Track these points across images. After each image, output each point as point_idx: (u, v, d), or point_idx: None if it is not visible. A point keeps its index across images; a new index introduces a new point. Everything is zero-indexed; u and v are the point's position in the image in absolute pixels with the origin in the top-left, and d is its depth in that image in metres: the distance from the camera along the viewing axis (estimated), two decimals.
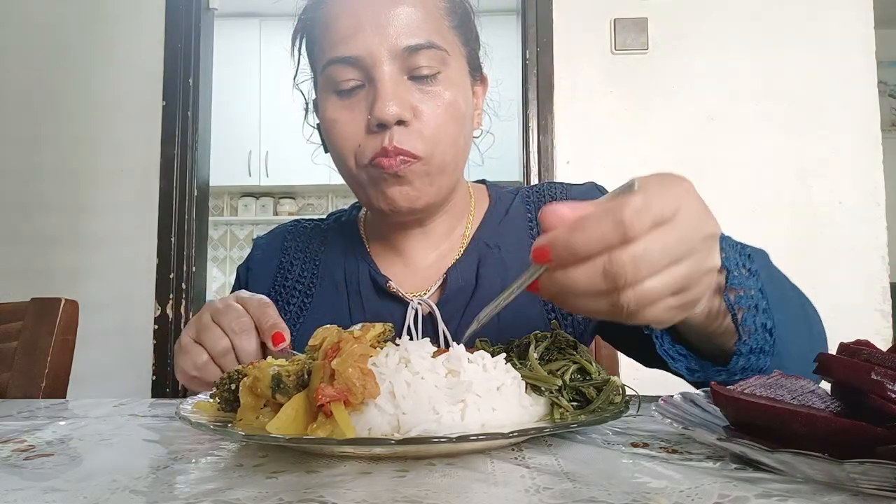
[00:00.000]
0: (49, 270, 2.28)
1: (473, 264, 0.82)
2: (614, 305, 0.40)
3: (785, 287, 0.61)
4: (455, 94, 0.76)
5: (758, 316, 0.52)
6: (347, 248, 0.89)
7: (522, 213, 0.87)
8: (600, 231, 0.39)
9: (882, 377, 0.34)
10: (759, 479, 0.33)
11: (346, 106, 0.75)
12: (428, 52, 0.73)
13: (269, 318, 0.64)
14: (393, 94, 0.72)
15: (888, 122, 3.86)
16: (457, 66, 0.77)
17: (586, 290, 0.40)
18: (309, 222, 0.98)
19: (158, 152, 2.28)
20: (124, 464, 0.39)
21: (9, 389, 0.94)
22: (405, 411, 0.38)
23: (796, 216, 2.12)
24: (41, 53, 2.37)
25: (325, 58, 0.75)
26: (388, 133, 0.72)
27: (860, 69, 2.15)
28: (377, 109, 0.71)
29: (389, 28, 0.73)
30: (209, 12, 2.44)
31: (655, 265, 0.39)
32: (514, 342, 0.52)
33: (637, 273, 0.39)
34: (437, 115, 0.74)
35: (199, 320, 0.65)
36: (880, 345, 0.38)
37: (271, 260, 0.92)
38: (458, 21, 0.80)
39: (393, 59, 0.72)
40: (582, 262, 0.40)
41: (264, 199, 4.71)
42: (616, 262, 0.39)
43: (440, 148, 0.75)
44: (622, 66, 2.19)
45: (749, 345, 0.52)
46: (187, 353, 0.64)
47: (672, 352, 0.54)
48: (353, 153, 0.75)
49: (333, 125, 0.76)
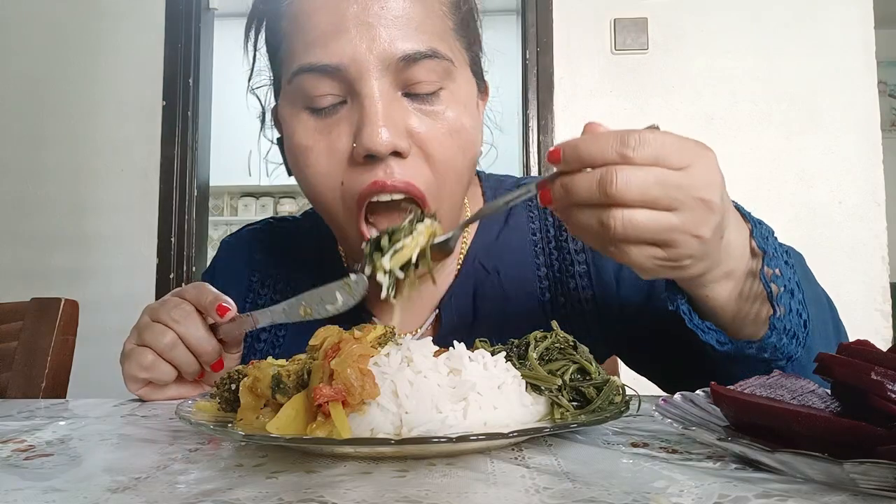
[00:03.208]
0: (49, 270, 2.28)
1: (469, 294, 0.72)
2: (603, 224, 0.43)
3: (818, 290, 0.62)
4: (461, 115, 0.62)
5: (793, 301, 0.52)
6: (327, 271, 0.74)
7: (525, 221, 0.76)
8: (605, 144, 0.43)
9: (882, 377, 0.34)
10: (759, 479, 0.33)
11: (322, 128, 0.60)
12: (429, 62, 0.59)
13: (208, 295, 0.61)
14: (385, 116, 0.57)
15: (888, 122, 3.86)
16: (462, 79, 0.64)
17: (583, 198, 0.43)
18: (282, 226, 0.85)
19: (158, 152, 2.28)
20: (124, 464, 0.39)
21: (9, 389, 0.94)
22: (408, 410, 0.38)
23: (796, 216, 2.12)
24: (41, 53, 2.37)
25: (294, 62, 0.60)
26: (383, 166, 0.58)
27: (860, 69, 2.15)
28: (365, 136, 0.57)
29: (380, 29, 0.58)
30: (209, 12, 2.44)
31: (645, 195, 0.42)
32: (514, 342, 0.52)
33: (626, 192, 0.42)
34: (442, 144, 0.60)
35: (138, 325, 0.63)
36: (880, 345, 0.38)
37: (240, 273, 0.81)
38: (461, 20, 0.66)
39: (385, 71, 0.58)
40: (585, 169, 0.43)
41: (264, 199, 4.71)
42: (609, 173, 0.42)
43: (446, 187, 0.62)
44: (622, 66, 2.19)
45: (784, 322, 0.52)
46: (131, 357, 0.61)
47: (702, 325, 0.54)
48: (335, 191, 0.61)
49: (306, 153, 0.61)
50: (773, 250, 0.52)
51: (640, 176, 0.42)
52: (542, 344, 0.49)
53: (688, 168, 0.43)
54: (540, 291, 0.73)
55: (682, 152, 0.43)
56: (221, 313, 0.60)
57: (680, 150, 0.43)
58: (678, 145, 0.43)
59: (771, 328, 0.52)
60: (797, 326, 0.53)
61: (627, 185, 0.42)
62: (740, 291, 0.52)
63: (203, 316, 0.62)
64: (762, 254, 0.51)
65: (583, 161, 0.43)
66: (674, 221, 0.43)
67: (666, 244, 0.44)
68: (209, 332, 0.62)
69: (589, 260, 0.73)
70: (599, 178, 0.42)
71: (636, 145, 0.42)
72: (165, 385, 0.63)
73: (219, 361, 0.63)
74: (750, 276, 0.52)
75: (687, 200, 0.43)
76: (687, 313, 0.54)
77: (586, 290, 0.73)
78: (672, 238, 0.44)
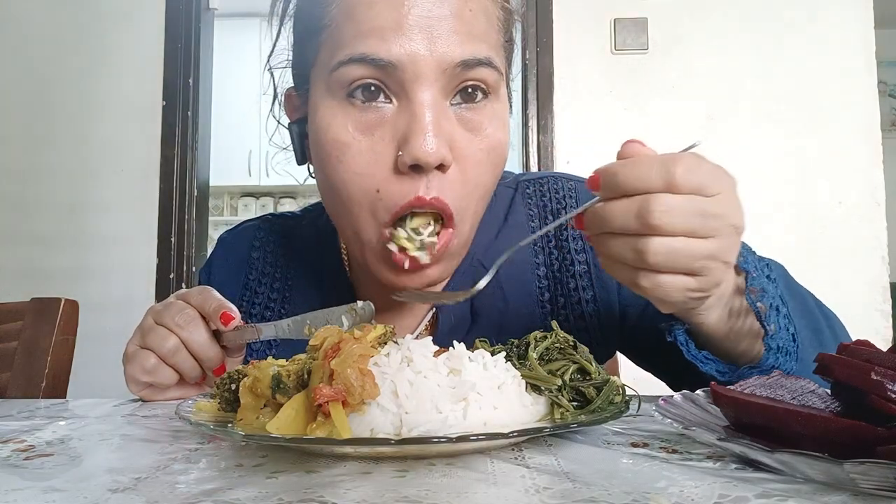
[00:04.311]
0: (49, 270, 2.28)
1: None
2: (639, 253, 0.42)
3: (804, 298, 0.62)
4: (498, 131, 0.60)
5: (780, 317, 0.53)
6: (324, 270, 0.76)
7: (524, 220, 0.75)
8: (648, 170, 0.41)
9: (882, 377, 0.34)
10: (759, 479, 0.33)
11: (363, 126, 0.56)
12: (484, 70, 0.57)
13: (213, 302, 0.60)
14: (435, 125, 0.54)
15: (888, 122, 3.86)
16: (503, 95, 0.63)
17: (620, 226, 0.42)
18: (280, 223, 0.83)
19: (158, 152, 2.28)
20: (124, 464, 0.39)
21: (9, 389, 0.94)
22: (408, 410, 0.38)
23: (796, 216, 2.12)
24: (41, 54, 2.37)
25: (343, 51, 0.56)
26: (425, 180, 0.55)
27: (860, 69, 2.15)
28: (415, 145, 0.53)
29: (443, 32, 0.55)
30: (209, 12, 2.44)
31: (686, 224, 0.41)
32: (513, 342, 0.52)
33: (668, 222, 0.40)
34: (479, 161, 0.58)
35: (142, 326, 0.62)
36: (880, 345, 0.38)
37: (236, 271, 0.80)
38: (508, 37, 0.65)
39: (440, 76, 0.55)
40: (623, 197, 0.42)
41: (264, 199, 4.71)
42: (652, 202, 0.40)
43: (473, 203, 0.60)
44: (622, 66, 2.19)
45: (777, 341, 0.52)
46: (134, 360, 0.61)
47: (700, 356, 0.54)
48: (368, 195, 0.57)
49: (342, 149, 0.57)
50: (753, 268, 0.52)
51: (681, 206, 0.41)
52: (541, 344, 0.49)
53: (719, 195, 0.42)
54: (539, 291, 0.73)
55: (716, 180, 0.42)
56: (225, 321, 0.60)
57: (714, 178, 0.42)
58: (713, 172, 0.42)
59: (767, 349, 0.52)
60: (787, 342, 0.53)
61: (670, 215, 0.41)
62: (729, 311, 0.52)
63: (207, 321, 0.61)
64: (744, 273, 0.52)
65: (623, 190, 0.42)
66: (711, 249, 0.42)
67: (698, 272, 0.43)
68: (212, 339, 0.61)
69: (589, 260, 0.73)
70: (638, 208, 0.41)
71: (681, 174, 0.40)
72: (167, 388, 0.63)
73: (221, 367, 0.63)
74: (736, 294, 0.52)
75: (722, 228, 0.42)
76: (684, 344, 0.54)
77: (586, 291, 0.72)
78: (705, 266, 0.43)
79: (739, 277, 0.52)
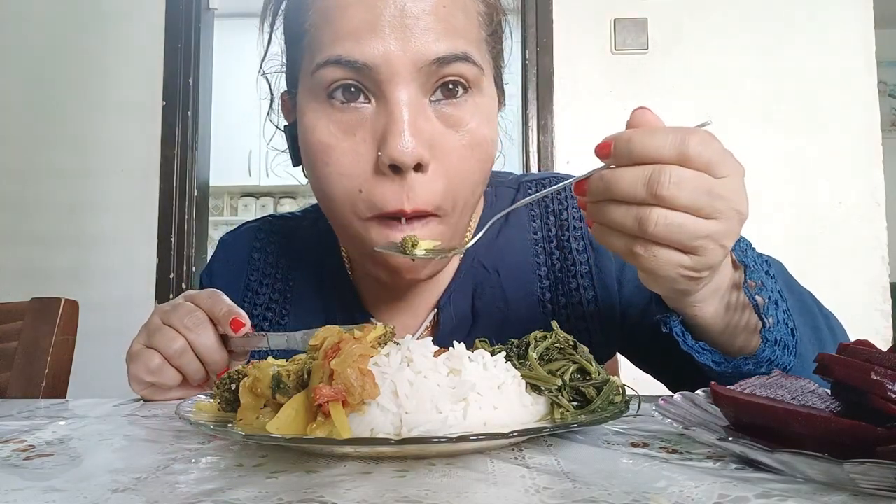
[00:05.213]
0: (49, 270, 2.28)
1: (468, 294, 0.71)
2: (641, 222, 0.42)
3: (803, 297, 0.62)
4: (482, 127, 0.60)
5: (778, 311, 0.53)
6: (325, 271, 0.76)
7: (526, 220, 0.75)
8: (663, 140, 0.41)
9: (882, 377, 0.34)
10: (759, 479, 0.33)
11: (345, 127, 0.58)
12: (462, 65, 0.57)
13: (223, 306, 0.60)
14: (412, 125, 0.55)
15: (888, 122, 3.86)
16: (487, 90, 0.62)
17: (626, 193, 0.42)
18: (281, 224, 0.84)
19: (158, 152, 2.28)
20: (124, 464, 0.39)
21: (9, 389, 0.94)
22: (408, 410, 0.38)
23: (796, 216, 2.12)
24: (41, 53, 2.37)
25: (321, 54, 0.57)
26: (405, 184, 0.56)
27: (860, 69, 2.15)
28: (392, 146, 0.55)
29: (417, 32, 0.55)
30: (209, 12, 2.44)
31: (692, 199, 0.41)
32: (513, 342, 0.52)
33: (676, 194, 0.41)
34: (462, 157, 0.59)
35: (148, 326, 0.62)
36: (880, 345, 0.38)
37: (238, 272, 0.80)
38: (493, 31, 0.64)
39: (416, 74, 0.56)
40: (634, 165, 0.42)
41: (264, 199, 4.71)
42: (663, 172, 0.41)
43: (460, 200, 0.60)
44: (622, 65, 2.19)
45: (774, 334, 0.52)
46: (139, 359, 0.61)
47: (696, 346, 0.54)
48: (351, 195, 0.58)
49: (326, 151, 0.58)
50: (752, 262, 0.52)
51: (691, 181, 0.41)
52: (542, 344, 0.49)
53: (727, 178, 0.43)
54: (540, 291, 0.73)
55: (726, 162, 0.43)
56: (236, 328, 0.59)
57: (724, 159, 0.43)
58: (724, 154, 0.43)
59: (763, 341, 0.52)
60: (786, 336, 0.53)
61: (678, 187, 0.41)
62: (727, 304, 0.52)
63: (215, 325, 0.61)
64: (743, 266, 0.52)
65: (635, 158, 0.42)
66: (712, 229, 0.43)
67: (694, 251, 0.44)
68: (220, 343, 0.61)
69: (591, 260, 0.73)
70: (650, 176, 0.41)
71: (695, 146, 0.41)
72: (169, 389, 0.63)
73: (226, 370, 0.62)
74: (733, 288, 0.52)
75: (726, 211, 0.43)
76: (680, 335, 0.54)
77: (588, 291, 0.72)
78: (702, 245, 0.43)
79: (738, 272, 0.53)
